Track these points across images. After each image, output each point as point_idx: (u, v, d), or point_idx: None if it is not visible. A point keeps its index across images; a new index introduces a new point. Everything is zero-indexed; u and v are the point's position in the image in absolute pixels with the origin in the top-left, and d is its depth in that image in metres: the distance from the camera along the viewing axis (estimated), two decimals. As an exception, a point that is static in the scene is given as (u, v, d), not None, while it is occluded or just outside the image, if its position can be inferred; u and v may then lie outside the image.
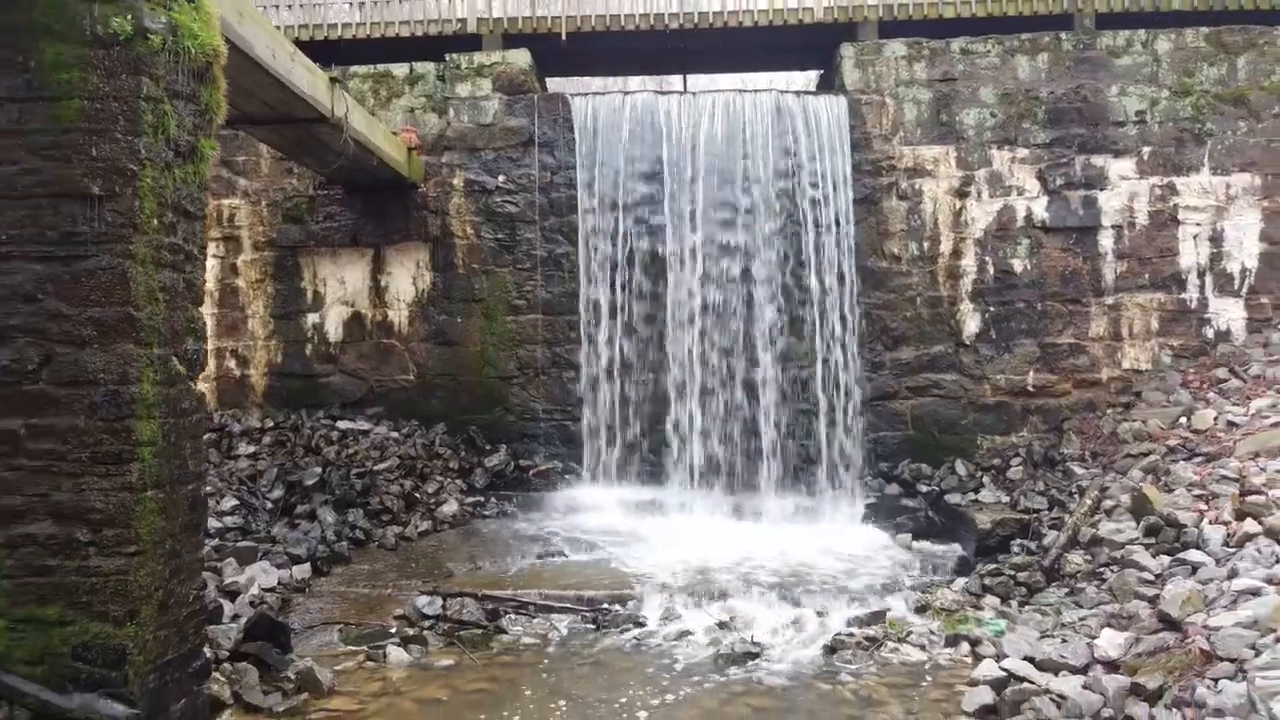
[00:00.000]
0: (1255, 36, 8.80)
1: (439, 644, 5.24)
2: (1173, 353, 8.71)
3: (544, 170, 9.00)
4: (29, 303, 3.47)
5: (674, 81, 12.76)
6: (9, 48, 3.48)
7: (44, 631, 3.41)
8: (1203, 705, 3.57)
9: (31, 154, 3.48)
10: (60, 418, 3.45)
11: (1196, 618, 4.31)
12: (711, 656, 5.02)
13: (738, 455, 8.57)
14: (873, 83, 8.93)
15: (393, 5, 9.44)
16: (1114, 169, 8.79)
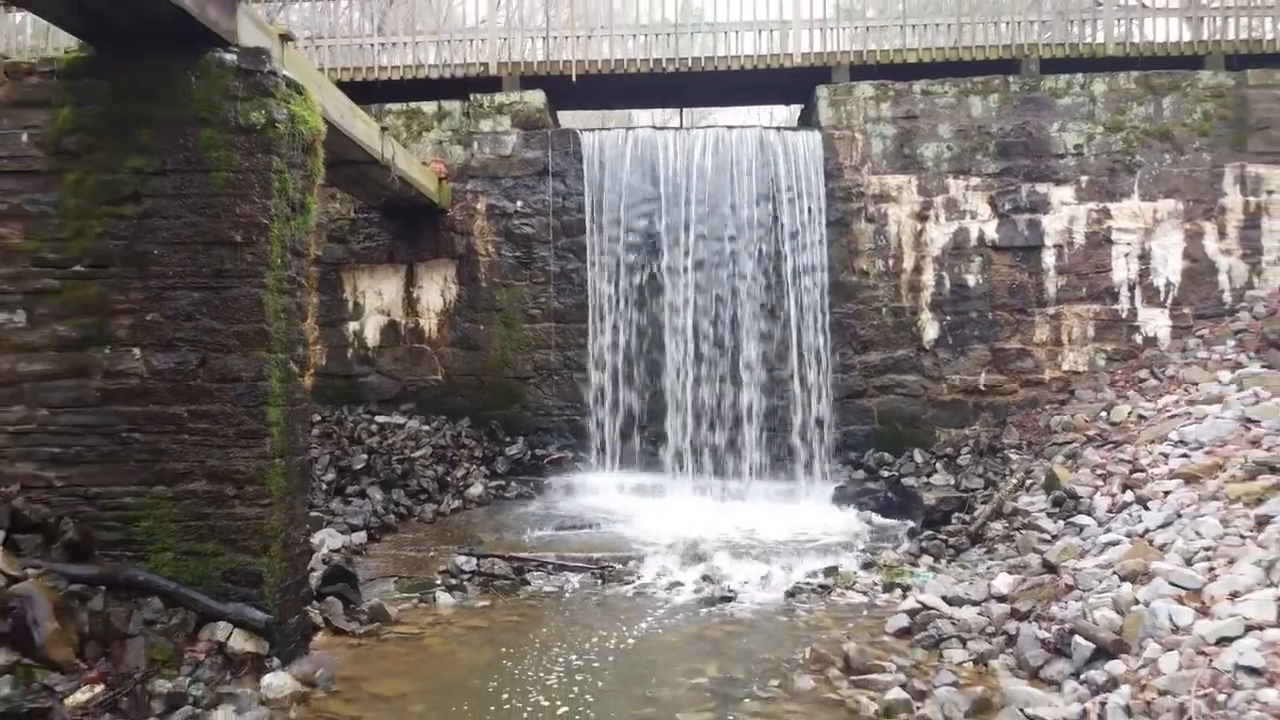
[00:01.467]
0: (1179, 79, 10.06)
1: (476, 591, 6.50)
2: (1106, 356, 9.97)
3: (556, 196, 10.29)
4: (190, 321, 4.75)
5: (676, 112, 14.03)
6: (175, 134, 4.76)
7: (202, 560, 4.68)
8: (1053, 618, 4.83)
9: (192, 212, 4.76)
10: (213, 405, 4.72)
11: (1070, 563, 5.57)
12: (696, 600, 6.28)
13: (725, 446, 9.84)
14: (844, 119, 10.20)
15: (424, 50, 10.74)
16: (1055, 195, 10.05)
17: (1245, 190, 9.95)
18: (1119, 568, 5.09)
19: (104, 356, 4.77)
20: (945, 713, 4.06)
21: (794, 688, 4.52)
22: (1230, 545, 4.83)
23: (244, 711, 3.99)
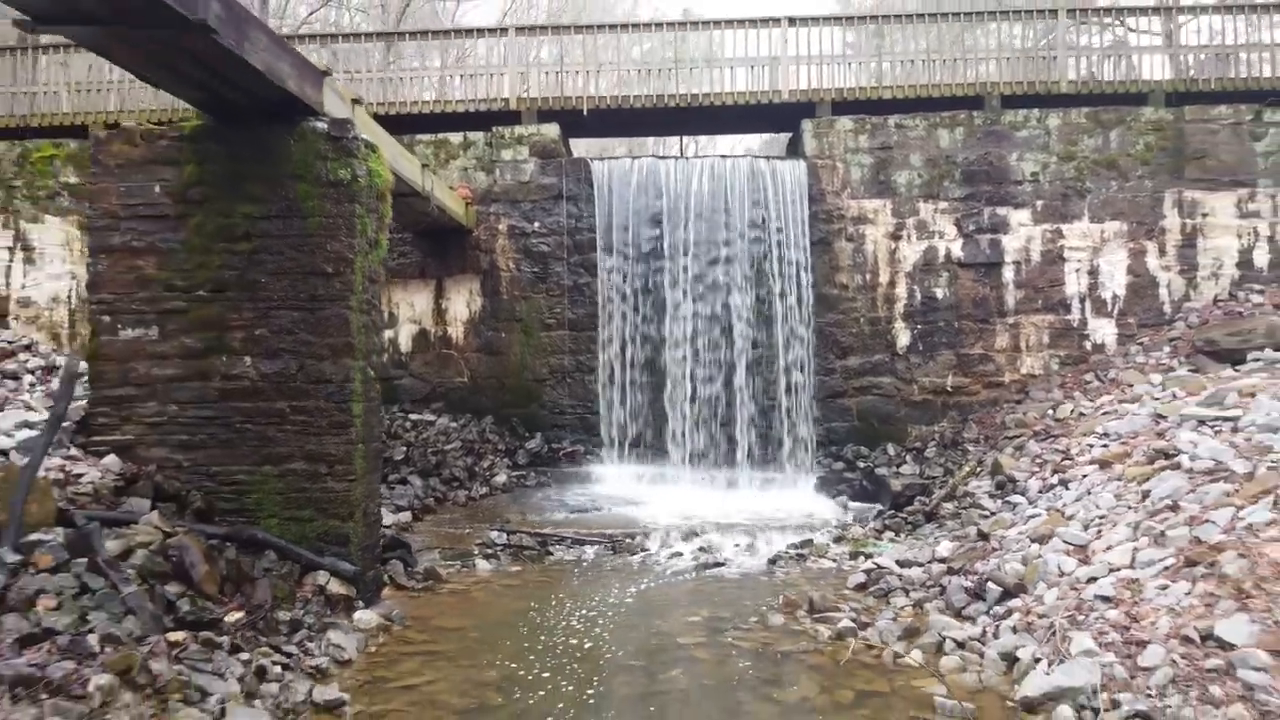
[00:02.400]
0: (1124, 114, 11.30)
1: (508, 560, 7.73)
2: (1059, 361, 11.20)
3: (570, 218, 11.53)
4: (290, 335, 5.99)
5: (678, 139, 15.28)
6: (277, 187, 6.00)
7: (301, 525, 5.92)
8: (977, 572, 6.06)
9: (292, 249, 6.00)
10: (309, 401, 5.97)
11: (999, 532, 6.81)
12: (693, 566, 7.50)
13: (720, 440, 11.09)
14: (827, 150, 11.44)
15: (452, 86, 11.99)
16: (1014, 218, 11.29)
17: (1183, 213, 11.18)
18: (1032, 533, 6.33)
19: (222, 363, 6.02)
20: (882, 637, 5.31)
21: (768, 623, 5.76)
22: (1117, 513, 6.06)
23: (346, 634, 5.22)
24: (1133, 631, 4.41)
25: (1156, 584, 4.75)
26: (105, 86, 12.14)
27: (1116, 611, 4.70)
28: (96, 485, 5.58)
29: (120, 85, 12.05)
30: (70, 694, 3.52)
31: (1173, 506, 5.63)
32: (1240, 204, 11.16)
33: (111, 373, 6.07)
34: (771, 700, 4.49)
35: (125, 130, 6.16)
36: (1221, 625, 4.09)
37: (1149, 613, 4.52)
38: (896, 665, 4.93)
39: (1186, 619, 4.29)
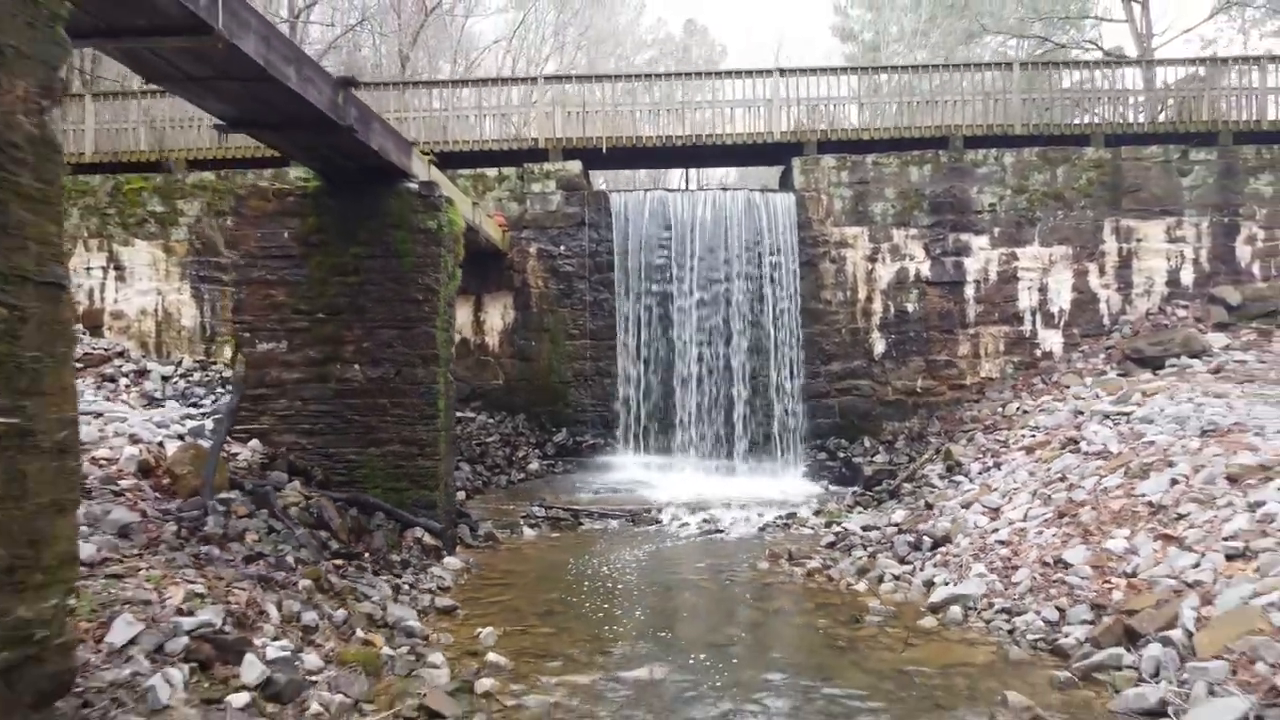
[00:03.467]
0: (1070, 153, 13.09)
1: (547, 528, 9.53)
2: (1013, 366, 12.98)
3: (591, 242, 13.34)
4: (390, 348, 7.79)
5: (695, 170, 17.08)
6: (380, 233, 7.81)
7: (399, 493, 7.72)
8: (918, 530, 7.84)
9: (391, 281, 7.81)
10: (405, 398, 7.77)
11: (940, 503, 8.61)
12: (697, 532, 9.29)
13: (721, 433, 12.89)
14: (813, 184, 13.24)
15: (488, 127, 13.80)
16: (975, 243, 13.08)
17: (1120, 239, 12.97)
18: (963, 501, 8.14)
19: (336, 369, 7.83)
20: (841, 574, 7.10)
21: (757, 567, 7.56)
22: (1026, 485, 7.86)
23: (443, 571, 7.02)
24: (1012, 561, 6.21)
25: (1035, 530, 6.55)
26: (182, 125, 13.94)
27: (1006, 549, 6.50)
28: (249, 462, 7.39)
29: (189, 129, 13.84)
30: (288, 589, 5.32)
31: (1062, 478, 7.44)
32: (1169, 231, 12.95)
33: (251, 377, 7.88)
34: (757, 609, 6.30)
35: (261, 189, 8.00)
36: (1067, 553, 5.88)
37: (1026, 549, 6.32)
38: (849, 590, 6.72)
39: (1047, 551, 6.08)
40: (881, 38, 51.20)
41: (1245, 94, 13.36)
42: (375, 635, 5.08)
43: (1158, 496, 6.09)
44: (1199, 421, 7.54)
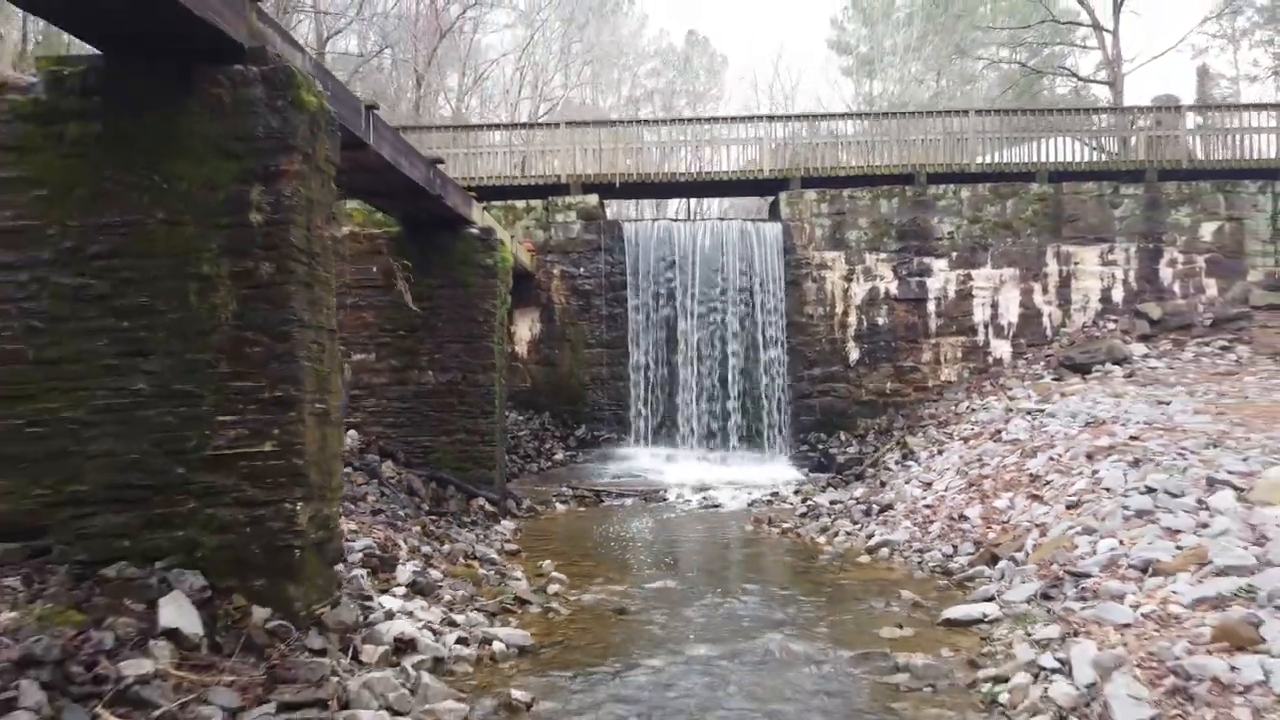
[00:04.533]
0: (1018, 188, 15.26)
1: (575, 504, 11.68)
2: (969, 371, 15.13)
3: (606, 265, 15.51)
4: (456, 358, 9.97)
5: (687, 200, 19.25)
6: (449, 268, 9.98)
7: (464, 472, 9.89)
8: (870, 501, 10.00)
9: (457, 306, 9.98)
10: (468, 398, 9.94)
11: (891, 481, 10.76)
12: (698, 507, 11.45)
13: (718, 429, 15.05)
14: (797, 215, 15.41)
15: (510, 165, 15.97)
16: (936, 265, 15.24)
17: (1060, 262, 15.13)
18: (906, 479, 10.30)
19: (414, 375, 10.00)
20: (808, 532, 9.26)
21: (743, 530, 9.72)
22: (955, 466, 10.01)
23: (502, 529, 9.18)
24: (930, 518, 8.37)
25: (951, 497, 8.71)
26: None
27: (928, 510, 8.66)
28: (350, 446, 9.56)
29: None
30: (406, 532, 7.47)
31: (979, 460, 9.60)
32: (1102, 255, 15.11)
33: (349, 380, 10.06)
34: (741, 553, 8.46)
35: (355, 234, 10.19)
36: (967, 510, 8.04)
37: (941, 509, 8.48)
38: (812, 542, 8.88)
39: (955, 509, 8.24)
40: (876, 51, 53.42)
41: (1169, 137, 15.52)
42: (472, 562, 7.24)
43: (1037, 469, 8.25)
44: (1087, 416, 9.70)
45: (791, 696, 4.44)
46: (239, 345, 4.59)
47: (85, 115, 4.68)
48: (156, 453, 4.60)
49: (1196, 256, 15.10)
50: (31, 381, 4.63)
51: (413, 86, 38.42)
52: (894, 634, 5.47)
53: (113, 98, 4.68)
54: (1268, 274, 14.98)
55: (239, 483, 4.57)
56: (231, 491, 4.57)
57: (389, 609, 5.16)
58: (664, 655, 5.11)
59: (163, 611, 4.11)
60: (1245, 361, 13.16)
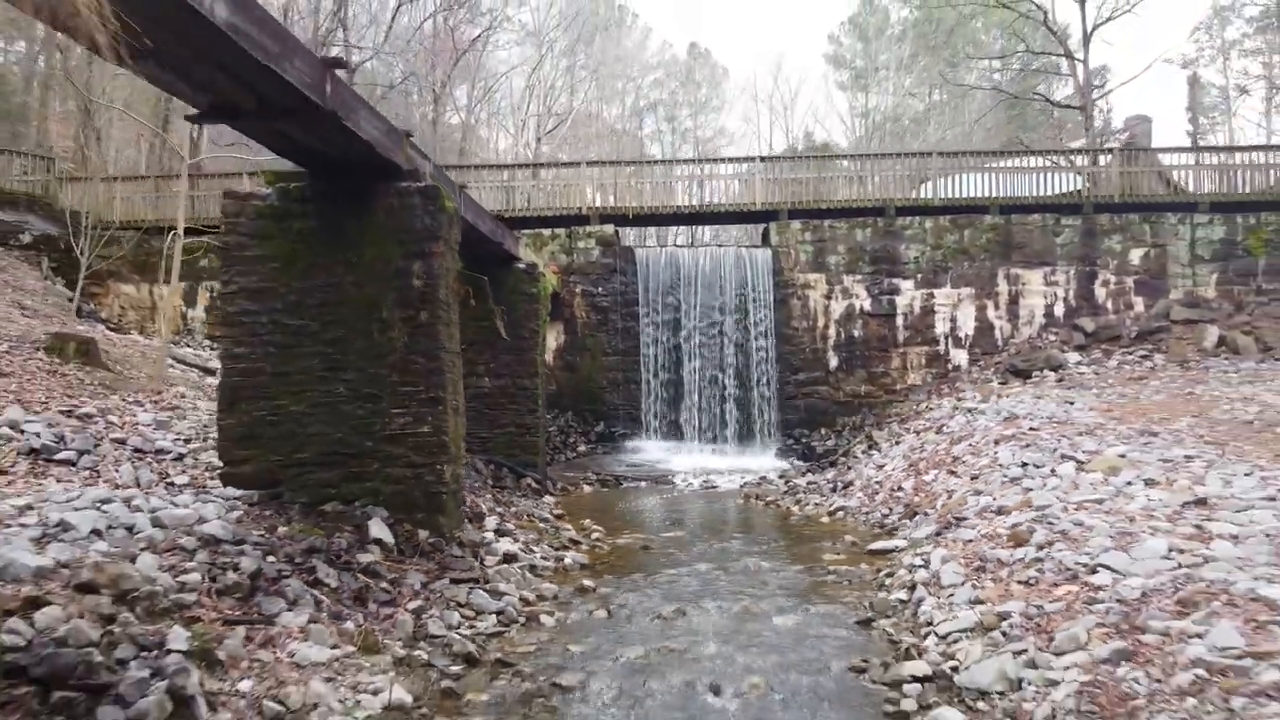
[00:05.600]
0: (974, 219, 17.81)
1: (599, 486, 14.24)
2: (931, 376, 17.67)
3: (621, 285, 18.07)
4: (508, 368, 12.53)
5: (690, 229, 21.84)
6: (502, 295, 12.56)
7: (514, 456, 12.45)
8: (837, 481, 12.56)
9: (512, 324, 12.56)
10: (517, 399, 12.51)
11: (855, 466, 13.32)
12: (700, 489, 14.00)
13: (716, 426, 17.61)
14: (785, 242, 17.96)
15: (543, 199, 18.55)
16: (903, 285, 17.79)
17: (1010, 282, 17.67)
18: (866, 464, 12.87)
19: (473, 381, 12.55)
20: (785, 504, 11.82)
21: (735, 503, 12.28)
22: (904, 451, 12.56)
23: (548, 501, 11.74)
24: (877, 491, 10.93)
25: (895, 475, 11.27)
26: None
27: (878, 485, 11.22)
28: (426, 437, 12.12)
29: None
30: (483, 498, 10.02)
31: (922, 448, 12.16)
32: (1046, 277, 17.65)
33: (421, 385, 12.63)
34: (732, 517, 11.03)
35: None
36: (904, 484, 10.60)
37: (887, 484, 11.04)
38: (788, 510, 11.43)
39: (896, 484, 10.80)
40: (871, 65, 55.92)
41: (1103, 174, 18.08)
42: (532, 519, 9.80)
43: (958, 453, 10.81)
44: (1007, 413, 12.25)
45: (759, 587, 7.00)
46: (406, 364, 7.18)
47: (304, 214, 7.26)
48: (352, 433, 7.18)
49: (1126, 278, 17.64)
50: (271, 387, 7.21)
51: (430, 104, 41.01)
52: (832, 558, 8.04)
53: (321, 202, 7.26)
54: (1187, 293, 17.55)
55: (406, 452, 7.16)
56: (402, 458, 7.16)
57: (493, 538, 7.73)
58: (675, 569, 7.68)
59: (371, 529, 6.69)
60: (1158, 368, 15.70)
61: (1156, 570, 4.86)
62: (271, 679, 4.37)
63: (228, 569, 5.31)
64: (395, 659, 4.99)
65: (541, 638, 5.79)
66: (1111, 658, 3.93)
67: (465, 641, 5.39)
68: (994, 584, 5.71)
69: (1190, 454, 8.50)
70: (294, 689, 4.30)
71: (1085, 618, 4.51)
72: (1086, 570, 5.25)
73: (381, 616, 5.61)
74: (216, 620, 4.76)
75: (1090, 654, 4.06)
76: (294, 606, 5.21)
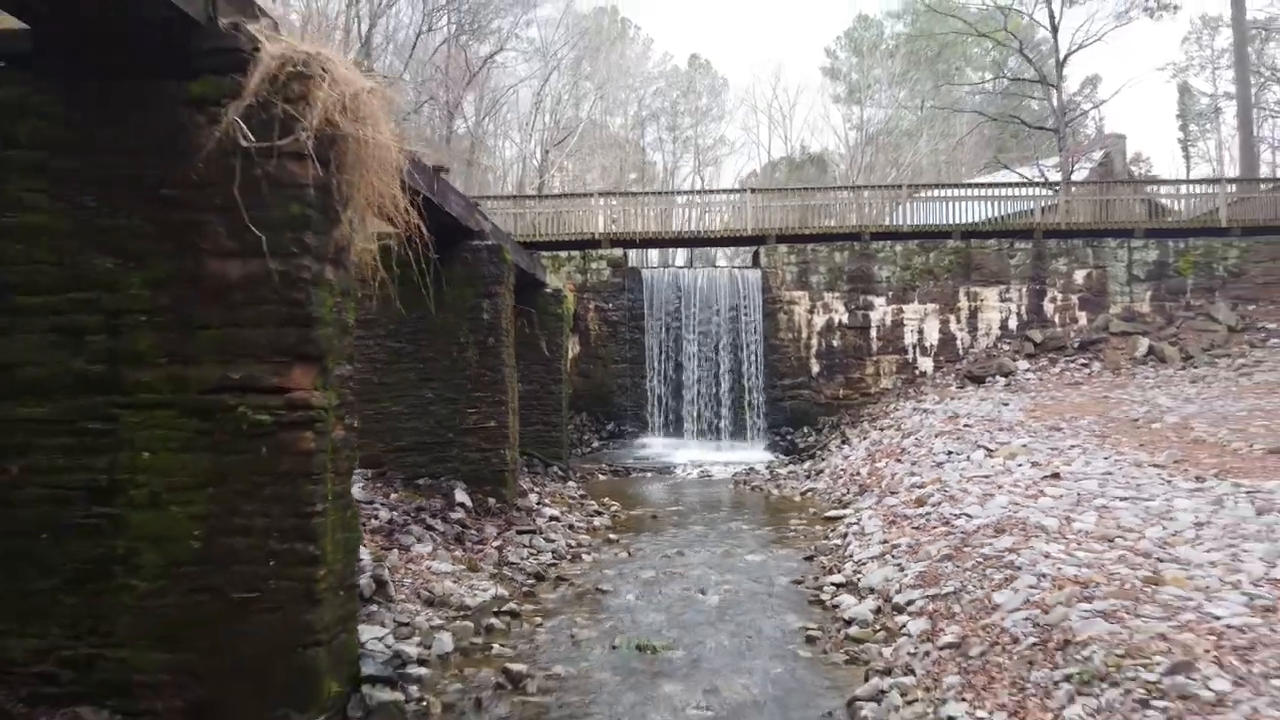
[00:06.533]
0: (938, 244, 20.32)
1: (612, 476, 16.76)
2: (901, 381, 20.18)
3: (628, 301, 20.60)
4: (537, 376, 15.07)
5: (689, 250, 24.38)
6: (528, 314, 15.10)
7: (544, 450, 14.99)
8: (812, 469, 15.09)
9: (537, 340, 15.10)
10: (545, 402, 15.05)
11: (828, 457, 15.85)
12: (697, 478, 16.52)
13: (712, 424, 20.15)
14: (773, 264, 20.48)
15: (559, 226, 21.10)
16: (876, 301, 20.30)
17: (969, 299, 20.19)
18: (837, 455, 15.40)
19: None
20: (769, 487, 14.35)
21: (727, 489, 14.82)
22: (868, 445, 15.08)
23: (571, 485, 14.27)
24: (841, 476, 13.46)
25: (856, 463, 13.80)
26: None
27: (842, 472, 13.74)
28: (470, 432, 14.68)
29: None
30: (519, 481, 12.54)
31: (880, 441, 14.69)
32: (1001, 294, 20.17)
33: (465, 389, 15.19)
34: (724, 498, 13.57)
35: (469, 292, 15.34)
36: (861, 470, 13.12)
37: (849, 470, 13.56)
38: (769, 492, 13.95)
39: (855, 469, 13.32)
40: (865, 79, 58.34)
41: (1051, 205, 20.61)
42: (563, 497, 12.33)
43: (906, 445, 13.33)
44: (952, 412, 14.77)
45: (738, 540, 9.53)
46: (478, 376, 9.72)
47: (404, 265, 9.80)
48: (438, 428, 9.73)
49: (1071, 295, 20.14)
50: (376, 393, 9.75)
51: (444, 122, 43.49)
52: (797, 523, 10.58)
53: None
54: (1124, 308, 20.07)
55: (479, 441, 9.70)
56: (474, 445, 9.70)
57: (538, 506, 10.28)
58: (678, 530, 10.22)
59: (457, 496, 9.24)
60: (1094, 374, 18.22)
61: (994, 516, 7.38)
62: (420, 579, 6.90)
63: (371, 517, 7.85)
64: (490, 574, 7.53)
65: (584, 566, 8.33)
66: (941, 559, 6.43)
67: (535, 566, 7.94)
68: (897, 530, 8.23)
69: (1075, 444, 11.02)
70: (435, 584, 6.84)
71: (939, 542, 7.02)
72: (955, 518, 7.76)
73: (475, 551, 8.15)
74: (375, 547, 7.30)
75: (932, 559, 6.57)
76: (419, 542, 7.75)
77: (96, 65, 4.22)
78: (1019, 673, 4.12)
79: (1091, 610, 4.43)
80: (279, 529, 4.18)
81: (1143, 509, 6.98)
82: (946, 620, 5.24)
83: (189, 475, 4.19)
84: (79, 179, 4.25)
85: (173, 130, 4.15)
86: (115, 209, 4.22)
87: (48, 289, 4.22)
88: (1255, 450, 9.69)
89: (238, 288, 4.18)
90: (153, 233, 4.19)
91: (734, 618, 6.52)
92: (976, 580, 5.64)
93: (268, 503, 4.18)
